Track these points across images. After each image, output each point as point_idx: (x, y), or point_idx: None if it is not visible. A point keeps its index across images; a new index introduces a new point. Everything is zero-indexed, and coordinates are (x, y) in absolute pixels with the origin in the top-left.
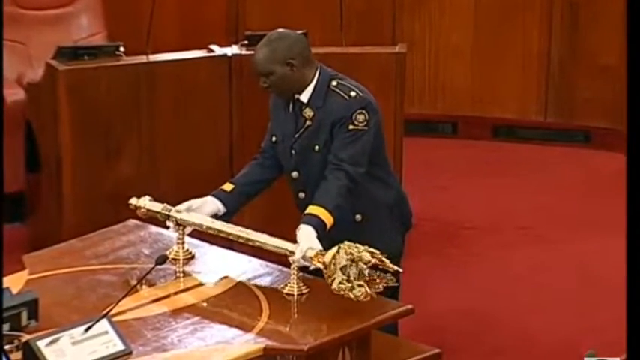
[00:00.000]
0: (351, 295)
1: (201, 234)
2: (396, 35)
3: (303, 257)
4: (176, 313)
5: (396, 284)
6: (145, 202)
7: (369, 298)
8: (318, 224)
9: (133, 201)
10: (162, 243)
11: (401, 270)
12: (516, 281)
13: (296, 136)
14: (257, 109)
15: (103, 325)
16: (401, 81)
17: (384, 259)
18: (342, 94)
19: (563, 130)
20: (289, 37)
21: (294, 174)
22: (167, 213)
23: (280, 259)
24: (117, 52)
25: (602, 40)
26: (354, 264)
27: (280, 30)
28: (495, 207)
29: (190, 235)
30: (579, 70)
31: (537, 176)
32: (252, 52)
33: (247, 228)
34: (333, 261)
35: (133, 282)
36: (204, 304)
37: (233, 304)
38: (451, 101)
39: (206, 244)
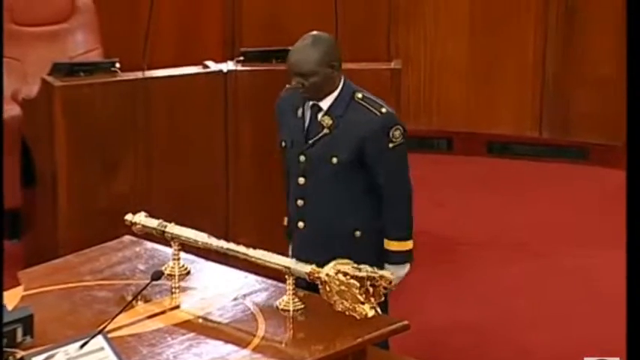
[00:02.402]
0: (356, 315)
1: (198, 250)
2: (391, 50)
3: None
4: (172, 329)
5: (382, 299)
6: (141, 218)
7: (373, 312)
8: (403, 258)
9: (129, 217)
10: (158, 259)
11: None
12: (513, 296)
13: (309, 142)
14: (252, 125)
15: (99, 341)
16: (396, 97)
17: (374, 275)
18: (371, 109)
19: (558, 145)
20: (331, 40)
21: (301, 180)
22: (163, 229)
23: (276, 274)
24: (113, 69)
25: (598, 55)
26: (347, 291)
27: (316, 32)
28: (491, 222)
29: (186, 251)
30: (574, 86)
31: (533, 192)
32: (248, 69)
33: (242, 244)
34: (328, 288)
35: (129, 298)
36: (200, 320)
37: (229, 320)
38: (446, 117)
39: (202, 260)
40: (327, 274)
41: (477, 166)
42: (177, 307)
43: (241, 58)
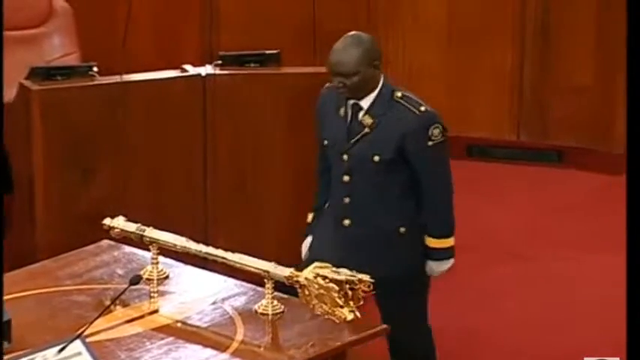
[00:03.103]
0: (335, 319)
1: (176, 254)
2: None
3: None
4: (150, 333)
5: (361, 303)
6: (119, 222)
7: (352, 316)
8: (445, 254)
9: (107, 221)
10: (137, 263)
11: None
12: (499, 299)
13: (352, 141)
14: (230, 128)
15: (77, 346)
16: None
17: (353, 279)
18: (410, 107)
19: (536, 149)
20: (371, 39)
21: (346, 178)
22: (141, 233)
23: (255, 278)
24: (90, 72)
25: (573, 61)
26: (326, 294)
27: (356, 32)
28: (472, 225)
29: (165, 255)
30: (551, 92)
31: (512, 195)
32: (226, 72)
33: (220, 248)
34: (307, 291)
35: (107, 302)
36: (179, 324)
37: (207, 324)
38: None
39: (180, 264)
40: (306, 278)
41: (457, 169)
42: (156, 311)
43: (219, 61)
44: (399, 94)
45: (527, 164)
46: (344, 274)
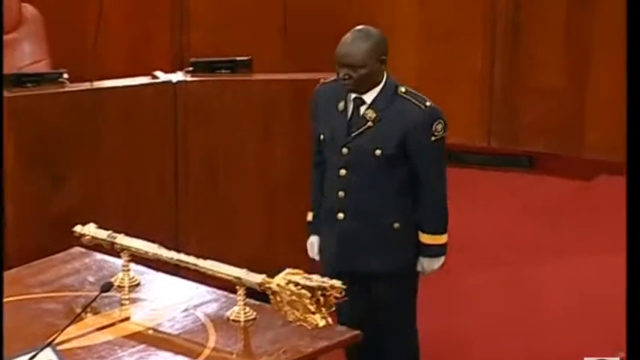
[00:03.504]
0: (307, 325)
1: (148, 261)
2: None
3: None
4: (121, 341)
5: (333, 309)
6: (90, 230)
7: (324, 322)
8: (438, 251)
9: (78, 228)
10: (108, 270)
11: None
12: (470, 304)
13: (353, 135)
14: (202, 134)
15: (48, 354)
16: None
17: (325, 285)
18: (415, 102)
19: (507, 155)
20: (381, 34)
21: (342, 172)
22: (112, 240)
23: (227, 285)
24: (60, 79)
25: (544, 67)
26: (298, 301)
27: (365, 26)
28: None
29: (136, 262)
30: (521, 98)
31: (484, 201)
32: (197, 79)
33: (192, 255)
34: (279, 298)
35: (78, 310)
36: (150, 331)
37: (179, 331)
38: None
39: (152, 271)
40: (278, 284)
41: None
42: (127, 318)
43: (191, 68)
44: (402, 89)
45: (499, 170)
46: (316, 280)
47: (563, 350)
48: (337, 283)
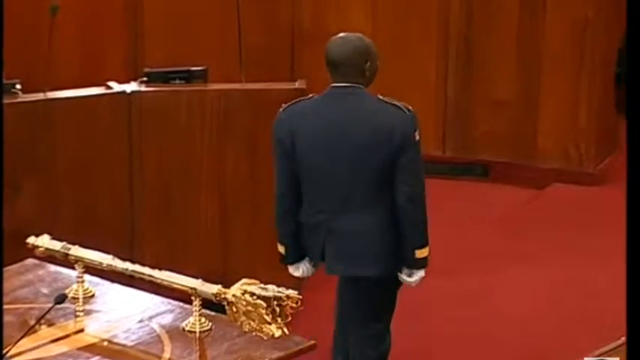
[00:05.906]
0: (263, 336)
1: (102, 272)
2: (296, 70)
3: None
4: (76, 353)
5: (289, 319)
6: (44, 241)
7: (280, 332)
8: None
9: (32, 239)
10: (62, 282)
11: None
12: (423, 313)
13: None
14: (156, 145)
15: None
16: None
17: (281, 295)
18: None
19: (461, 164)
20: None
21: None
22: (66, 251)
23: (182, 296)
24: (13, 90)
25: (496, 78)
26: (254, 311)
27: (359, 34)
28: None
29: (91, 273)
30: (475, 108)
31: (439, 211)
32: (151, 89)
33: (147, 266)
34: (235, 308)
35: (32, 322)
36: (105, 343)
37: (134, 342)
38: None
39: (107, 282)
40: (234, 295)
41: None
42: (82, 330)
43: (145, 78)
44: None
45: (454, 179)
46: (272, 290)
47: (518, 356)
48: (293, 292)
